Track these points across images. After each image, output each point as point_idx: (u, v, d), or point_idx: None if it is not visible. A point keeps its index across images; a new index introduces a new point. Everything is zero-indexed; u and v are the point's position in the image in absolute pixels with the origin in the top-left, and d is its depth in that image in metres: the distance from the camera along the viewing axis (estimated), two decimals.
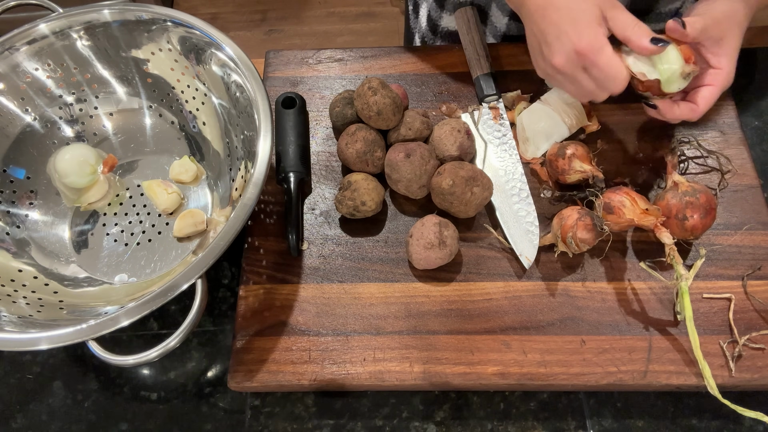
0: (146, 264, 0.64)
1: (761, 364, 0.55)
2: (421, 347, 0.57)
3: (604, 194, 0.60)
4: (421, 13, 0.85)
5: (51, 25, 0.65)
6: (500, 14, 0.77)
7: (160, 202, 0.66)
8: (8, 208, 0.65)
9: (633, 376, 0.55)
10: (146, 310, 0.48)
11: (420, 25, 0.86)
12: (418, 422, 0.57)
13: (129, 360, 0.49)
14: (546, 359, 0.56)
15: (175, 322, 0.63)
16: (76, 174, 0.66)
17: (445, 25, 0.82)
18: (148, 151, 0.71)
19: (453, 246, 0.59)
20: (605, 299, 0.59)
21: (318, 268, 0.62)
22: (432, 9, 0.82)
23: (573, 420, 0.57)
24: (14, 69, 0.65)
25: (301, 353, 0.57)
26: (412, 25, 0.90)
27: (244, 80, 0.61)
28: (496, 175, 0.65)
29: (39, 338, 0.49)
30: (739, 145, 0.67)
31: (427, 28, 0.85)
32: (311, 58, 0.76)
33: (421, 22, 0.86)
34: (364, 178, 0.62)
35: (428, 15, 0.83)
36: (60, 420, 0.58)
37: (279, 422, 0.57)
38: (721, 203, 0.64)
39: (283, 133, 0.66)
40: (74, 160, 0.66)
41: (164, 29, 0.65)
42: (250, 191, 0.54)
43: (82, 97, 0.70)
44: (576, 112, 0.66)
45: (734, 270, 0.60)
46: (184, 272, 0.49)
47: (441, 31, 0.83)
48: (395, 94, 0.63)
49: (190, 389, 0.59)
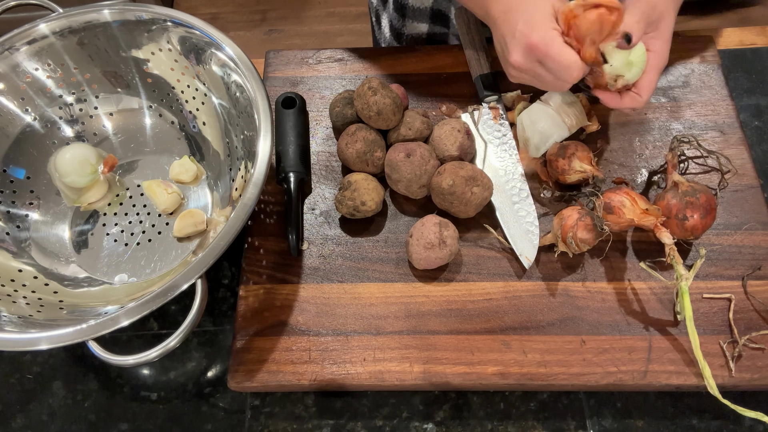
0: (146, 264, 0.64)
1: (761, 364, 0.55)
2: (421, 347, 0.57)
3: (604, 194, 0.60)
4: (383, 24, 0.87)
5: (51, 25, 0.65)
6: None
7: (160, 202, 0.66)
8: (8, 208, 0.65)
9: (633, 376, 0.55)
10: (146, 310, 0.48)
11: (384, 35, 0.88)
12: (418, 422, 0.57)
13: (129, 360, 0.49)
14: (546, 359, 0.56)
15: (175, 322, 0.63)
16: (76, 173, 0.66)
17: (410, 32, 0.83)
18: (148, 151, 0.71)
19: (453, 246, 0.59)
20: (605, 299, 0.59)
21: (318, 268, 0.62)
22: (393, 19, 0.83)
23: (573, 420, 0.57)
24: (14, 69, 0.65)
25: (301, 353, 0.57)
26: (377, 36, 0.91)
27: (244, 80, 0.61)
28: (496, 175, 0.65)
29: (39, 338, 0.49)
30: (739, 145, 0.67)
31: (392, 36, 0.86)
32: (311, 58, 0.76)
33: (385, 33, 0.87)
34: (364, 178, 0.62)
35: (390, 25, 0.84)
36: (60, 420, 0.58)
37: (279, 422, 0.57)
38: (721, 203, 0.64)
39: (283, 133, 0.66)
40: (75, 159, 0.66)
41: (164, 29, 0.65)
42: (250, 191, 0.54)
43: (82, 97, 0.70)
44: (576, 112, 0.66)
45: (734, 270, 0.60)
46: (184, 272, 0.49)
47: (406, 38, 0.84)
48: (395, 94, 0.63)
49: (190, 389, 0.59)
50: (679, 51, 0.72)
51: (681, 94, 0.71)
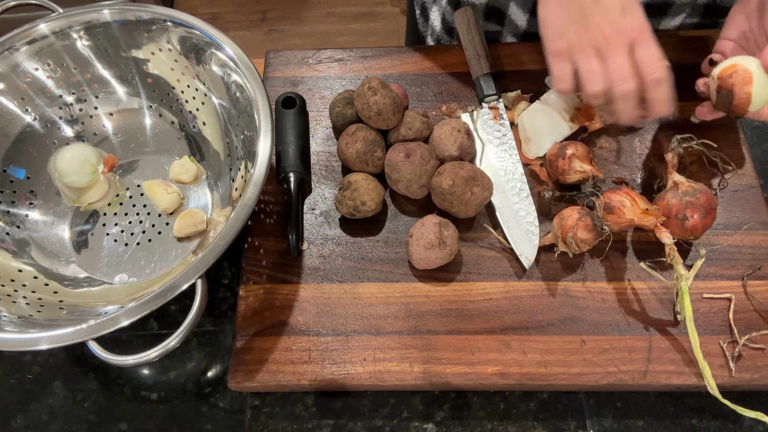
0: (146, 264, 0.64)
1: (761, 364, 0.55)
2: (421, 347, 0.57)
3: (604, 194, 0.60)
4: (432, 16, 0.85)
5: (51, 25, 0.65)
6: (520, 12, 0.76)
7: (160, 202, 0.66)
8: (8, 208, 0.65)
9: (633, 376, 0.55)
10: (146, 310, 0.48)
11: (433, 28, 0.86)
12: (418, 422, 0.57)
13: (129, 360, 0.49)
14: (546, 359, 0.56)
15: (175, 322, 0.63)
16: (76, 173, 0.66)
17: None
18: (148, 151, 0.71)
19: (453, 246, 0.59)
20: (605, 299, 0.59)
21: (318, 268, 0.62)
22: (446, 12, 0.82)
23: (573, 420, 0.57)
24: (14, 69, 0.65)
25: (301, 353, 0.57)
26: (421, 29, 0.89)
27: (244, 80, 0.61)
28: (496, 175, 0.65)
29: (39, 338, 0.49)
30: (739, 145, 0.67)
31: (442, 29, 0.84)
32: (311, 58, 0.76)
33: (434, 25, 0.85)
34: (364, 178, 0.62)
35: (442, 18, 0.83)
36: (60, 420, 0.58)
37: (279, 422, 0.57)
38: (721, 203, 0.64)
39: (283, 133, 0.66)
40: (75, 159, 0.66)
41: (164, 29, 0.65)
42: (250, 191, 0.54)
43: (82, 97, 0.70)
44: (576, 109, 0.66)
45: (734, 270, 0.60)
46: (184, 272, 0.49)
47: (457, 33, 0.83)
48: (395, 94, 0.63)
49: (190, 389, 0.59)
50: (679, 51, 0.72)
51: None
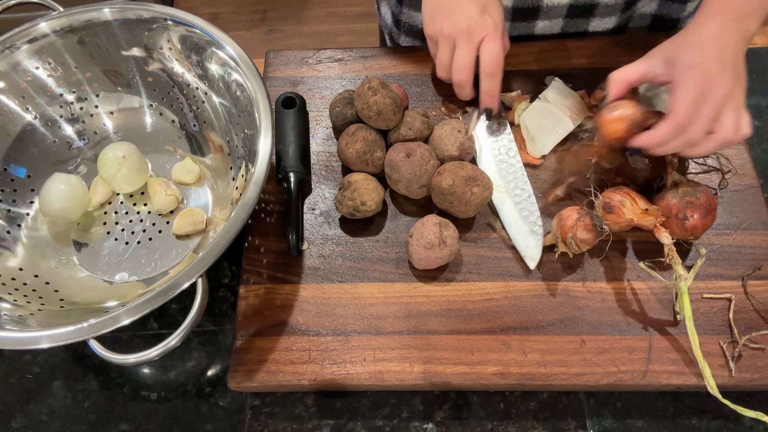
0: (147, 263, 0.64)
1: (761, 364, 0.56)
2: (421, 347, 0.57)
3: (604, 194, 0.60)
4: (383, 10, 0.87)
5: (52, 23, 0.65)
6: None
7: (157, 201, 0.66)
8: (9, 207, 0.65)
9: (633, 376, 0.55)
10: (147, 309, 0.48)
11: (385, 22, 0.88)
12: (418, 422, 0.57)
13: (130, 359, 0.49)
14: (546, 359, 0.56)
15: (175, 321, 0.63)
16: (71, 212, 0.65)
17: (406, 20, 0.82)
18: (149, 150, 0.71)
19: (453, 246, 0.59)
20: (605, 299, 0.59)
21: (318, 268, 0.62)
22: (392, 5, 0.83)
23: (573, 420, 0.57)
24: (15, 68, 0.65)
25: (301, 353, 0.57)
26: (380, 24, 0.91)
27: (244, 79, 0.61)
28: (497, 175, 0.65)
29: (40, 337, 0.49)
30: (739, 145, 0.67)
31: (392, 23, 0.86)
32: (311, 58, 0.76)
33: (386, 19, 0.87)
34: (364, 178, 0.62)
35: (391, 11, 0.84)
36: (60, 420, 0.58)
37: (279, 422, 0.57)
38: (721, 203, 0.64)
39: (283, 133, 0.66)
40: (66, 199, 0.64)
41: (165, 28, 0.65)
42: (250, 190, 0.54)
43: (83, 96, 0.70)
44: (576, 105, 0.66)
45: (734, 270, 0.60)
46: (185, 271, 0.49)
47: (403, 26, 0.84)
48: (395, 94, 0.63)
49: (190, 389, 0.59)
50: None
51: None
